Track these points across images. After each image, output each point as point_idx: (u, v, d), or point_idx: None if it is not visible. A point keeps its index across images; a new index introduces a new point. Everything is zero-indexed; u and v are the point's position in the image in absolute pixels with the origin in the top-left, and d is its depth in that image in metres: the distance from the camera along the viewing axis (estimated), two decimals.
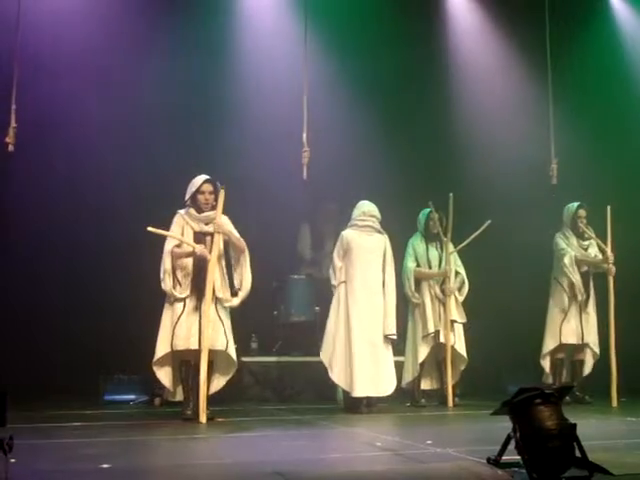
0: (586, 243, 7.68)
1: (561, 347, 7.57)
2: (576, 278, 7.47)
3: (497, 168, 9.05)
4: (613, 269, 7.35)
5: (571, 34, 9.10)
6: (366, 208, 7.09)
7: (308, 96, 7.53)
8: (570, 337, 7.50)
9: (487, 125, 9.29)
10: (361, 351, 6.67)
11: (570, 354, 7.71)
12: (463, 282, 7.55)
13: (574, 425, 3.34)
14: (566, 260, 7.50)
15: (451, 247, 7.50)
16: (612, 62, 9.22)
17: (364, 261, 6.88)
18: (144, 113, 8.06)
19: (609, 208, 7.27)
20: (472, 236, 7.45)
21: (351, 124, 8.79)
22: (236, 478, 3.60)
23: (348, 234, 6.98)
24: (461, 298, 7.54)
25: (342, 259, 6.93)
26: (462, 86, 9.50)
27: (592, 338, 7.56)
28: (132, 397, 7.48)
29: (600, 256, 7.54)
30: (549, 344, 7.60)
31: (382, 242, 7.02)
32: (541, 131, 8.52)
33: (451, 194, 7.33)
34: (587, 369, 7.70)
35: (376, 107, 9.08)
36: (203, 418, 5.64)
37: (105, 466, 3.75)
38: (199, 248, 5.89)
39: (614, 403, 7.07)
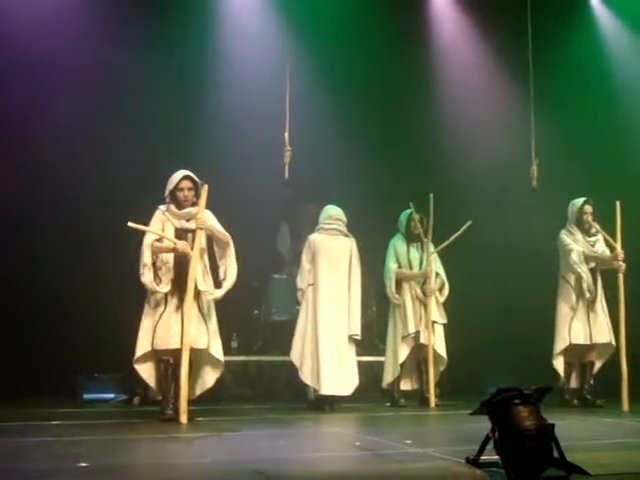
0: (592, 239, 7.37)
1: (571, 348, 7.28)
2: (585, 272, 7.17)
3: (478, 169, 9.11)
4: (623, 266, 7.06)
5: (553, 37, 9.18)
6: (332, 212, 7.24)
7: (290, 95, 7.53)
8: (578, 337, 7.22)
9: (468, 127, 9.35)
10: (327, 351, 6.83)
11: (580, 356, 7.40)
12: (443, 283, 7.59)
13: (552, 425, 3.36)
14: (574, 256, 7.22)
15: (432, 248, 7.53)
16: (593, 65, 9.31)
17: (331, 264, 7.05)
18: (124, 110, 8.04)
19: (618, 203, 6.99)
20: (453, 237, 7.48)
21: (333, 124, 8.81)
22: (216, 477, 3.59)
23: (315, 238, 7.14)
24: (442, 299, 7.58)
25: (310, 262, 7.06)
26: (444, 88, 9.56)
27: (601, 338, 7.23)
28: (111, 396, 7.46)
29: (608, 252, 7.26)
30: (559, 345, 7.33)
31: (348, 245, 7.17)
32: (522, 134, 8.59)
33: (431, 195, 7.38)
34: (595, 370, 7.41)
35: (358, 108, 9.12)
36: (184, 418, 5.54)
37: (83, 465, 3.72)
38: (181, 244, 5.77)
39: (625, 407, 6.75)
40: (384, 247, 7.71)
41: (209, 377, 6.03)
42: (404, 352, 7.39)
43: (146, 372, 5.91)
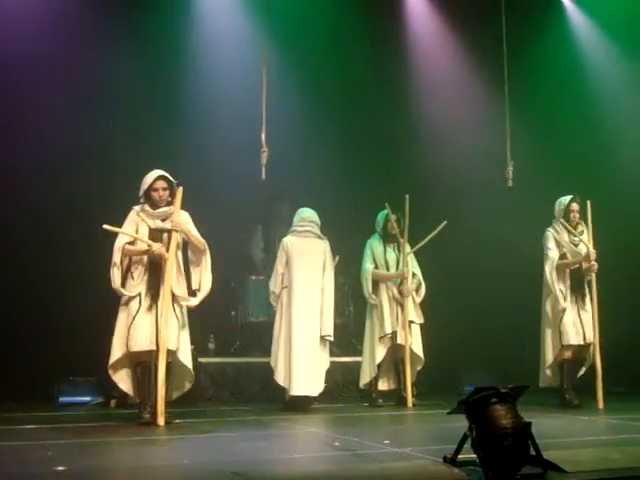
0: (577, 239, 7.22)
1: (566, 348, 7.10)
2: (556, 288, 7.08)
3: (454, 170, 9.15)
4: (595, 266, 7.00)
5: (527, 38, 9.23)
6: (306, 214, 7.27)
7: (267, 96, 7.54)
8: (571, 338, 7.06)
9: (444, 128, 9.38)
10: (300, 353, 6.87)
11: (574, 354, 7.19)
12: (420, 283, 7.62)
13: (529, 424, 3.39)
14: (547, 268, 7.16)
15: (408, 248, 7.56)
16: (567, 65, 9.38)
17: (304, 266, 7.08)
18: (99, 111, 7.99)
19: (589, 203, 7.01)
20: (429, 237, 7.51)
21: (308, 125, 8.81)
22: (194, 479, 3.58)
23: (289, 240, 7.17)
24: (419, 299, 7.61)
25: (284, 265, 7.10)
26: (420, 90, 9.59)
27: (592, 337, 7.06)
28: (88, 399, 7.39)
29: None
30: (550, 351, 7.16)
31: (322, 247, 7.21)
32: (497, 134, 8.65)
33: (407, 195, 7.41)
34: (582, 369, 7.29)
35: (334, 109, 9.12)
36: (161, 421, 5.48)
37: (60, 469, 3.70)
38: (156, 246, 5.70)
39: (600, 405, 6.78)
40: (360, 248, 7.72)
41: (182, 382, 5.97)
42: (381, 352, 7.41)
43: (119, 376, 5.83)
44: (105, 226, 5.59)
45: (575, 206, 7.25)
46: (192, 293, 5.93)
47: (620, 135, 8.59)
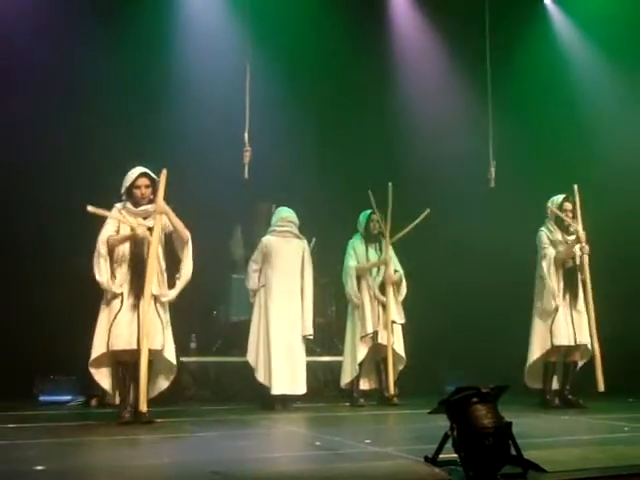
0: (571, 238, 7.08)
1: (555, 349, 7.03)
2: (553, 285, 6.99)
3: (436, 169, 9.18)
4: (587, 248, 6.94)
5: (510, 38, 9.29)
6: (284, 214, 7.34)
7: (250, 95, 7.54)
8: (562, 339, 6.97)
9: (427, 127, 9.40)
10: (278, 352, 6.95)
11: (562, 356, 7.15)
12: (401, 278, 7.61)
13: (510, 423, 3.41)
14: (544, 264, 7.05)
15: (388, 237, 7.54)
16: (549, 64, 9.42)
17: (283, 265, 7.16)
18: (82, 109, 7.95)
19: (576, 187, 6.95)
20: (410, 226, 7.48)
21: (289, 123, 8.80)
22: (175, 478, 3.57)
23: (267, 240, 7.24)
24: (400, 297, 7.62)
25: (260, 264, 7.20)
26: (403, 87, 9.61)
27: (584, 339, 6.98)
28: (68, 398, 7.35)
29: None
30: (538, 349, 7.08)
31: (300, 247, 7.28)
32: (480, 133, 8.68)
33: (390, 183, 7.40)
34: (577, 368, 7.21)
35: (317, 106, 9.12)
36: (144, 407, 5.44)
37: (40, 468, 3.68)
38: (140, 229, 5.65)
39: (601, 387, 6.74)
40: (342, 247, 7.73)
41: (163, 380, 5.94)
42: (362, 352, 7.42)
43: (100, 375, 5.77)
44: (90, 208, 5.49)
45: (568, 205, 7.14)
46: (173, 285, 5.87)
47: (603, 135, 8.63)
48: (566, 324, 7.00)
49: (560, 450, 4.19)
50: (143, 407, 5.47)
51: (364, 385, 7.61)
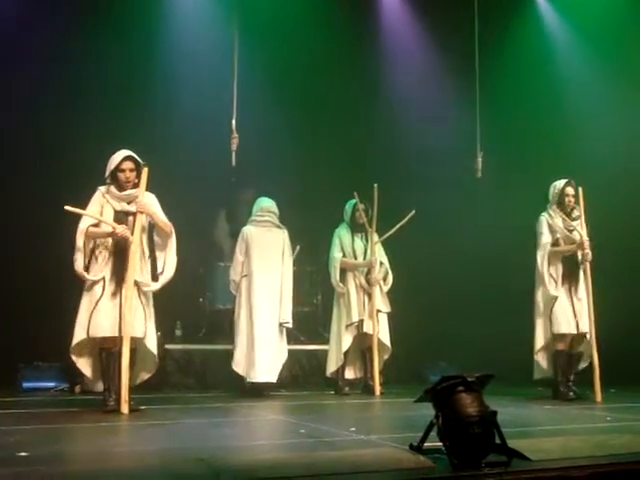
0: (574, 223, 6.94)
1: (558, 338, 6.87)
2: (546, 275, 6.83)
3: (423, 160, 9.19)
4: (589, 255, 6.78)
5: (499, 32, 9.30)
6: (264, 204, 7.39)
7: (238, 82, 7.51)
8: (563, 327, 6.82)
9: (415, 118, 9.40)
10: (262, 340, 7.00)
11: (569, 345, 6.95)
12: (387, 272, 7.64)
13: (494, 412, 3.41)
14: (538, 254, 6.91)
15: (376, 237, 7.57)
16: (537, 58, 9.44)
17: (263, 255, 7.21)
18: (72, 93, 7.91)
19: (581, 190, 6.86)
20: (397, 226, 7.52)
21: (277, 112, 8.77)
22: (159, 465, 3.55)
23: (248, 229, 7.30)
24: (386, 288, 7.63)
25: (243, 254, 7.22)
26: (391, 80, 9.60)
27: (585, 327, 6.81)
28: (52, 385, 7.33)
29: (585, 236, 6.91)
30: (542, 339, 6.93)
31: (281, 236, 7.33)
32: (468, 125, 8.69)
33: (375, 185, 7.41)
34: (583, 363, 7.01)
35: (304, 97, 9.10)
36: (125, 408, 5.35)
37: (23, 454, 3.66)
38: (120, 228, 5.55)
39: (598, 397, 6.58)
40: (328, 236, 7.73)
41: (146, 372, 5.88)
42: (347, 341, 7.43)
43: (82, 361, 5.72)
44: (67, 207, 5.43)
45: (570, 190, 6.96)
46: (157, 278, 5.79)
47: (589, 127, 8.65)
48: (565, 312, 6.83)
49: (544, 439, 4.21)
50: (124, 408, 5.36)
51: (349, 374, 7.63)
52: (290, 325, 7.26)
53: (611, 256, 7.76)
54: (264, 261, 7.19)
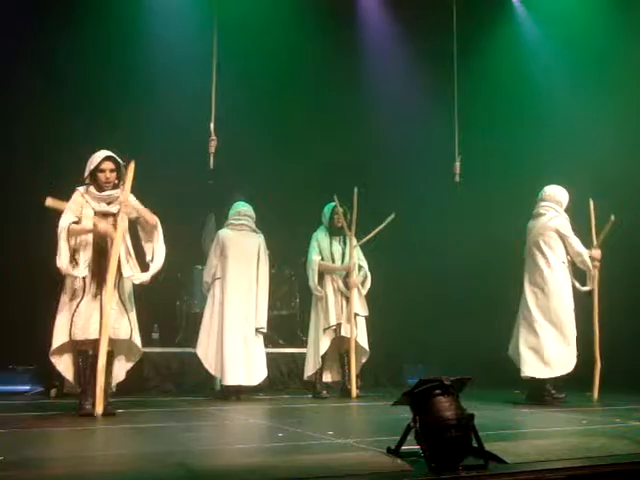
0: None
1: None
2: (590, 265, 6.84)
3: (403, 165, 9.23)
4: (598, 265, 6.88)
5: (477, 33, 9.35)
6: (241, 208, 7.42)
7: (217, 85, 7.49)
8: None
9: (394, 123, 9.43)
10: (233, 343, 7.02)
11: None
12: (366, 276, 7.65)
13: (472, 415, 3.43)
14: (580, 247, 6.84)
15: (355, 241, 7.58)
16: (515, 64, 9.50)
17: (239, 259, 7.22)
18: (52, 90, 7.85)
19: (591, 201, 6.91)
20: (375, 230, 7.54)
21: (256, 115, 8.78)
22: (136, 470, 3.53)
23: (224, 233, 7.33)
24: (364, 291, 7.64)
25: (218, 257, 7.24)
26: (370, 84, 9.63)
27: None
28: (27, 388, 7.27)
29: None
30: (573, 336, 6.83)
31: (257, 241, 7.36)
32: (446, 130, 8.73)
33: (355, 188, 7.42)
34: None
35: (284, 100, 9.10)
36: (99, 409, 5.29)
37: None
38: (102, 224, 5.46)
39: (595, 396, 6.77)
40: (307, 239, 7.73)
41: (123, 369, 5.78)
42: (325, 344, 7.44)
43: (63, 365, 5.61)
44: (48, 201, 5.35)
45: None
46: (147, 269, 5.67)
47: (568, 130, 8.71)
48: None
49: (520, 442, 4.23)
50: (100, 397, 5.29)
51: (327, 377, 7.63)
52: (265, 330, 7.27)
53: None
54: (239, 265, 7.20)
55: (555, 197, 7.00)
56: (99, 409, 5.31)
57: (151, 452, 4.00)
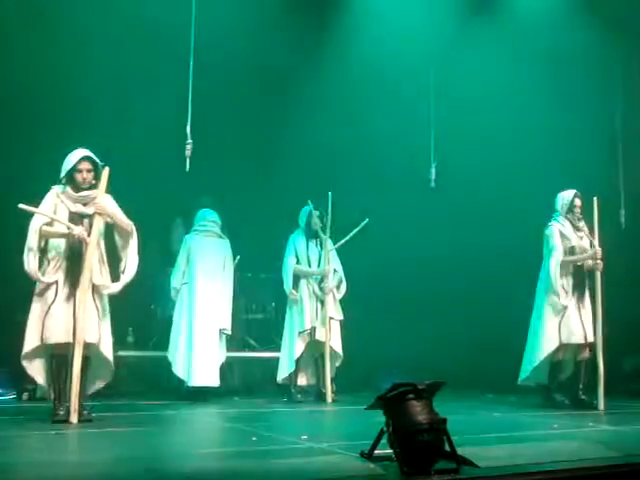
0: (581, 234, 7.04)
1: (563, 347, 6.92)
2: (557, 284, 6.87)
3: (378, 169, 9.23)
4: (600, 264, 6.82)
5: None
6: (207, 215, 7.60)
7: (193, 88, 7.47)
8: (574, 337, 6.85)
9: (369, 128, 9.42)
10: (202, 346, 7.18)
11: (573, 354, 7.02)
12: (341, 280, 7.67)
13: (444, 419, 3.44)
14: (552, 262, 6.90)
15: (330, 245, 7.59)
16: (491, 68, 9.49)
17: (205, 263, 7.38)
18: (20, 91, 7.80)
19: (595, 200, 6.78)
20: (350, 234, 7.56)
21: (231, 118, 8.74)
22: (106, 476, 3.50)
23: (190, 238, 7.50)
24: (339, 296, 7.66)
25: (185, 262, 7.41)
26: (347, 88, 9.61)
27: (591, 336, 6.82)
28: None
29: (588, 247, 7.00)
30: (546, 347, 6.90)
31: (222, 246, 7.50)
32: (422, 136, 8.76)
33: (330, 193, 7.44)
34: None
35: (260, 103, 9.08)
36: (74, 418, 5.18)
37: None
38: (77, 229, 5.36)
39: (601, 406, 6.58)
40: (283, 243, 7.73)
41: (100, 380, 5.66)
42: (299, 348, 7.45)
43: (35, 369, 5.48)
44: (21, 205, 5.26)
45: (578, 201, 7.06)
46: (117, 279, 5.60)
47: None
48: (576, 321, 6.89)
49: (492, 446, 4.25)
50: (74, 417, 5.18)
51: (302, 381, 7.64)
52: (229, 332, 7.40)
53: None
54: (205, 269, 7.34)
55: (555, 205, 7.17)
56: (74, 417, 5.20)
57: (122, 457, 3.96)
